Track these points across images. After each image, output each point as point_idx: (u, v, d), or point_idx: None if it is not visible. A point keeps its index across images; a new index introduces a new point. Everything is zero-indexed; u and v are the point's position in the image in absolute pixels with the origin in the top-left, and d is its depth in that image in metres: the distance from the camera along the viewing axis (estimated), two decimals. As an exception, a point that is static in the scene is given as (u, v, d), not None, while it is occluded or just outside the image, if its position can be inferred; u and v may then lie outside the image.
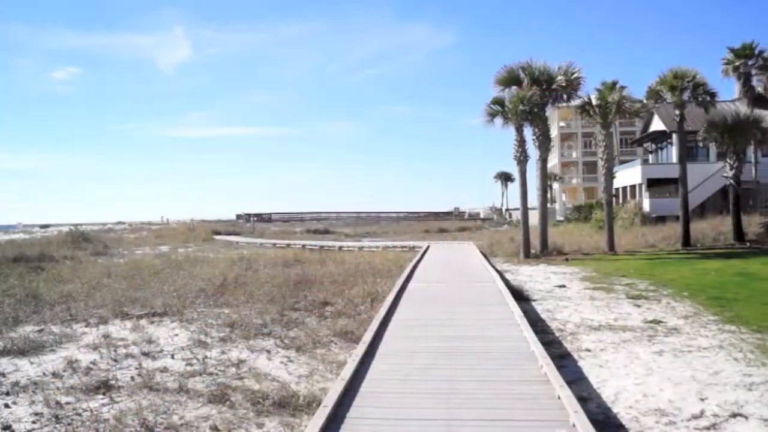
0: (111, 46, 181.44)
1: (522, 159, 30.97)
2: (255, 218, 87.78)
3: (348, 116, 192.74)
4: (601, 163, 33.62)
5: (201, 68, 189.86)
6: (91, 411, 7.91)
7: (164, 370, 9.89)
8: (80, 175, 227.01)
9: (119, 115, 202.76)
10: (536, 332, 10.51)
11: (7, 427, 7.44)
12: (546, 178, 33.90)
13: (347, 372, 7.82)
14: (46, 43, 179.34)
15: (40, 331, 13.06)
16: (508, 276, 21.33)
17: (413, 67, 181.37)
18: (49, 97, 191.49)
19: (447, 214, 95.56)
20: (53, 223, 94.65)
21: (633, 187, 48.13)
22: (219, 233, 60.60)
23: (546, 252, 30.06)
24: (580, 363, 9.97)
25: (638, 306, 15.13)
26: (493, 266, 22.87)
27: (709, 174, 42.24)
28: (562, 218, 61.34)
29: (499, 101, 31.10)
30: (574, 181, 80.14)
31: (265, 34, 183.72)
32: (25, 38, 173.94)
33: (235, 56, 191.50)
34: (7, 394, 8.79)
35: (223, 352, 10.96)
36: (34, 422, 7.62)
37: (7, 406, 8.25)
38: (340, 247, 39.29)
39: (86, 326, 13.62)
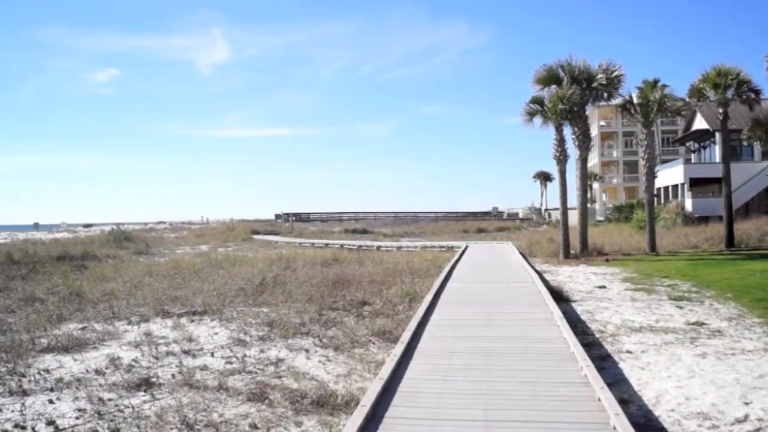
0: (151, 48, 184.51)
1: (561, 158, 30.71)
2: (293, 218, 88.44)
3: (383, 116, 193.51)
4: (642, 162, 33.16)
5: (238, 69, 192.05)
6: (133, 408, 8.03)
7: (204, 368, 9.99)
8: (122, 175, 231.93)
9: (159, 116, 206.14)
10: (576, 333, 10.41)
11: (52, 422, 7.57)
12: (586, 177, 33.57)
13: (385, 372, 7.81)
14: (87, 45, 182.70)
15: (83, 328, 13.28)
16: (547, 276, 21.16)
17: (448, 67, 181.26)
18: (90, 99, 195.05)
19: (485, 214, 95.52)
20: (96, 223, 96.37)
21: (675, 186, 47.39)
22: (258, 233, 61.23)
23: (586, 252, 29.73)
24: (621, 365, 9.85)
25: (680, 307, 14.90)
26: (532, 266, 22.71)
27: (754, 173, 41.49)
28: (602, 218, 60.74)
29: (538, 100, 30.86)
30: (615, 180, 79.20)
31: (300, 35, 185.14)
32: (67, 40, 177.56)
33: (271, 57, 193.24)
34: (52, 390, 8.95)
35: (262, 351, 11.04)
36: (77, 418, 7.74)
37: (51, 401, 8.40)
38: (378, 247, 39.36)
39: (128, 324, 13.82)
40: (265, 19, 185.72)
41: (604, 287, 18.62)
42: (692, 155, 53.27)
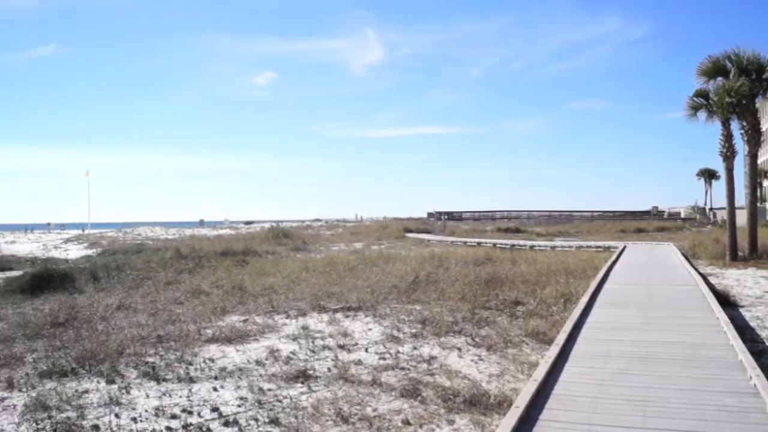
0: (307, 51, 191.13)
1: (728, 155, 28.96)
2: (446, 216, 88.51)
3: (535, 113, 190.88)
4: (820, 158, 30.80)
5: (391, 69, 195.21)
6: (291, 398, 8.33)
7: (359, 362, 10.21)
8: (280, 174, 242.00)
9: (315, 117, 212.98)
10: (744, 340, 9.80)
11: (216, 408, 7.99)
12: (756, 175, 31.45)
13: (540, 373, 7.68)
14: (246, 49, 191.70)
15: (245, 321, 13.92)
16: (712, 280, 20.07)
17: (603, 61, 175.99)
18: (250, 101, 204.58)
19: (644, 214, 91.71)
20: (256, 220, 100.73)
21: None
22: (410, 231, 61.75)
23: (755, 255, 27.87)
24: (795, 376, 9.20)
25: None
26: (696, 269, 21.61)
27: None
28: (773, 218, 56.98)
29: (702, 93, 29.31)
30: (789, 178, 73.98)
31: (450, 33, 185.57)
32: (228, 46, 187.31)
33: (423, 56, 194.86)
34: (216, 378, 9.44)
35: (414, 348, 11.13)
36: (239, 406, 8.12)
37: (215, 389, 8.86)
38: (532, 246, 38.69)
39: (286, 318, 14.34)
40: (415, 19, 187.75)
41: (776, 292, 17.46)
42: None
